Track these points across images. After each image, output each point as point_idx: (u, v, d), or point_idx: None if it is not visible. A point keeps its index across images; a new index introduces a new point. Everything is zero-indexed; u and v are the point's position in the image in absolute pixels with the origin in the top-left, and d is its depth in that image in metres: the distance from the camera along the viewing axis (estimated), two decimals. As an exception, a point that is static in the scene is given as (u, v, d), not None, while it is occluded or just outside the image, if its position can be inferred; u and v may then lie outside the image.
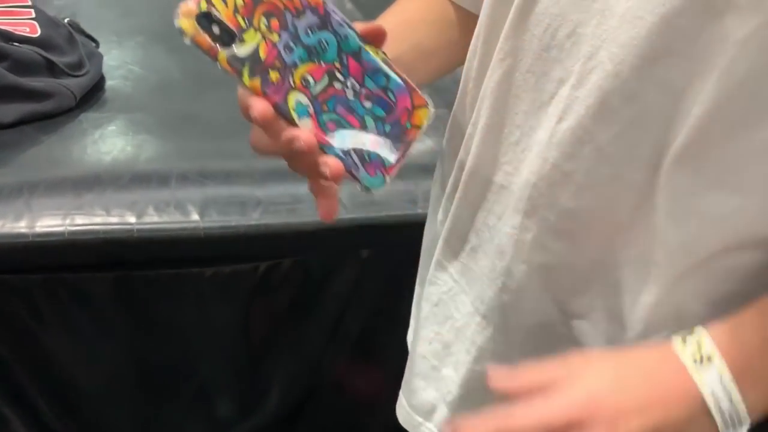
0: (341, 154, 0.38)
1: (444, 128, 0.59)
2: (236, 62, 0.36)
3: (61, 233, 0.91)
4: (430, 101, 0.40)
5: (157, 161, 1.06)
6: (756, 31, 0.37)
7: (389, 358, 0.76)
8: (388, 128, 0.39)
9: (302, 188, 1.07)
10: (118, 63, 1.32)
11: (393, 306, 1.09)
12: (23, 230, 0.90)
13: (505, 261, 0.48)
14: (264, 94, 0.37)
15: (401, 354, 0.64)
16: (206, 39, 0.35)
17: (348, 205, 1.04)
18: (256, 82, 0.36)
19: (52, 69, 1.16)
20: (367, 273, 1.07)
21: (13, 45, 1.15)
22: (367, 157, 0.39)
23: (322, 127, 0.38)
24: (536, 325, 0.49)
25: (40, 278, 0.95)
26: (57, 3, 1.60)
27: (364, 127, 0.39)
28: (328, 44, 0.38)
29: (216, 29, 0.35)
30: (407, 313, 0.68)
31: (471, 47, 0.51)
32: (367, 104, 0.39)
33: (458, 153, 0.53)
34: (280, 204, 1.01)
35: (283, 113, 0.37)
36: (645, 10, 0.39)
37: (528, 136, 0.46)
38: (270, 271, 1.01)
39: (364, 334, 1.11)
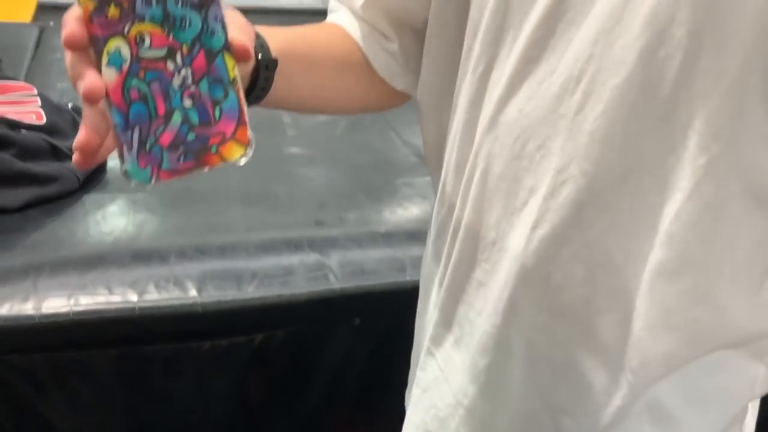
0: (123, 123, 0.34)
1: (432, 195, 0.60)
2: None
3: (66, 314, 0.95)
4: (252, 145, 0.38)
5: (157, 239, 1.11)
6: (716, 158, 0.39)
7: (384, 422, 0.78)
8: (190, 137, 0.36)
9: (294, 259, 1.13)
10: (118, 144, 1.39)
11: (386, 370, 1.13)
12: (30, 312, 0.94)
13: (487, 359, 0.49)
14: (89, 21, 0.33)
15: (396, 417, 0.66)
16: None
17: (339, 275, 1.09)
18: (90, 4, 0.33)
19: (56, 153, 1.23)
20: (359, 340, 1.11)
21: (20, 132, 1.21)
22: (147, 147, 0.35)
23: (124, 89, 0.34)
24: (522, 417, 0.50)
25: (44, 357, 0.98)
26: (59, 86, 1.68)
27: (167, 119, 0.35)
28: (189, 25, 0.35)
29: None
30: (400, 376, 0.71)
31: (450, 142, 0.53)
32: (187, 102, 0.36)
33: (445, 243, 0.54)
34: (273, 277, 1.06)
35: (96, 49, 0.33)
36: (615, 132, 0.40)
37: (503, 238, 0.47)
38: (266, 342, 1.05)
39: (358, 399, 1.14)
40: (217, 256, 1.07)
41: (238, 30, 0.37)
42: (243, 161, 0.37)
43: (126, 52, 0.33)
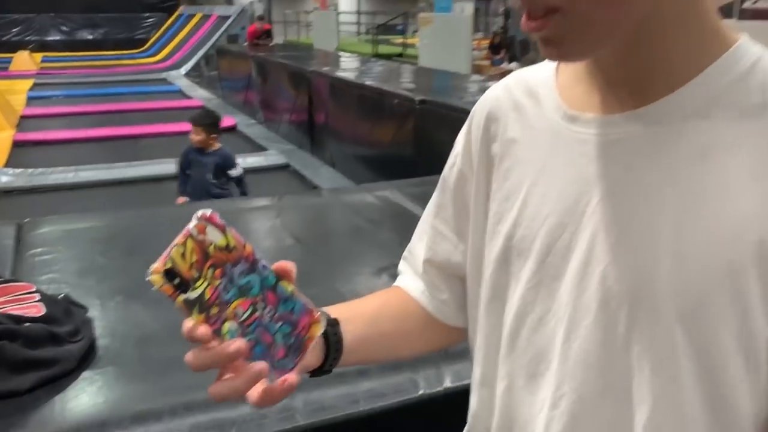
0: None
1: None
2: (189, 303, 0.47)
3: (81, 475, 1.14)
4: (323, 319, 0.53)
5: (150, 401, 1.32)
6: (668, 380, 0.50)
7: None
8: (292, 340, 0.51)
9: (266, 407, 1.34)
10: (104, 323, 1.62)
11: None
12: (50, 478, 1.13)
13: None
14: (207, 322, 0.48)
15: None
16: (169, 287, 0.47)
17: (303, 413, 1.31)
18: (202, 316, 0.47)
19: (55, 339, 1.44)
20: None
21: (24, 325, 1.44)
22: (275, 365, 0.50)
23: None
24: None
25: None
26: (42, 278, 1.91)
27: (275, 341, 0.50)
28: (253, 284, 0.49)
29: (176, 280, 0.47)
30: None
31: (478, 351, 0.65)
32: (278, 324, 0.50)
33: None
34: (250, 421, 1.28)
35: (219, 335, 0.48)
36: (591, 359, 0.53)
37: None
38: (248, 480, 1.25)
39: None
40: (202, 410, 1.29)
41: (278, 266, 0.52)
42: (322, 331, 0.53)
43: (234, 326, 0.49)
